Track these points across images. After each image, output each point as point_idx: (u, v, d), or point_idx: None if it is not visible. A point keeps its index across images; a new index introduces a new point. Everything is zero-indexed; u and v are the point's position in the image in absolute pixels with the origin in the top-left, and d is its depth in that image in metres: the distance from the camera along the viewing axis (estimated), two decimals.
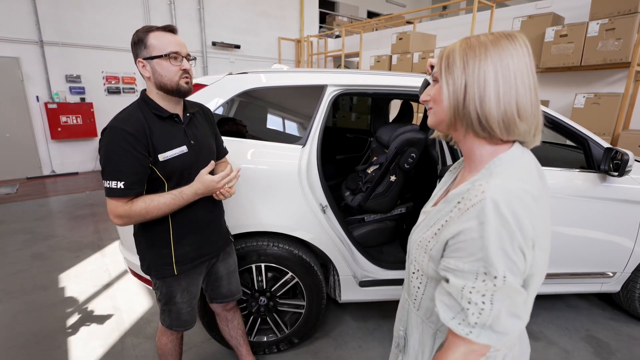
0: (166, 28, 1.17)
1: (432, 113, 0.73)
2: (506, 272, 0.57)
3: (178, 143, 1.21)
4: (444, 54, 0.68)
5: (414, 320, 0.82)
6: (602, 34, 3.44)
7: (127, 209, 1.13)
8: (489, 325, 0.59)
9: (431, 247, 0.70)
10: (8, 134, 5.82)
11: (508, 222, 0.56)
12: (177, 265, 1.29)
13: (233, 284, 1.55)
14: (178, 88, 1.17)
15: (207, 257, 1.39)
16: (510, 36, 0.63)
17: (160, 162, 1.16)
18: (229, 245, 1.52)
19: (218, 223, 1.43)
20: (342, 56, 7.80)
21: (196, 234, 1.32)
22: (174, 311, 1.37)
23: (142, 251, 1.32)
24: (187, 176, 1.24)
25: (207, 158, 1.33)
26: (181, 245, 1.29)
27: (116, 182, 1.10)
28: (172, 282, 1.32)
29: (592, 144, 1.89)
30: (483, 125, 0.64)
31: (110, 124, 1.12)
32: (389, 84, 1.88)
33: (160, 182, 1.20)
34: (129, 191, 1.11)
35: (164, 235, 1.26)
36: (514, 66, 0.62)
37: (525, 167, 0.66)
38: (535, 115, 0.65)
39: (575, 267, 2.02)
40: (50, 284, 2.66)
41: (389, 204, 2.36)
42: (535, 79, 0.64)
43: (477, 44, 0.64)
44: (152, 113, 1.18)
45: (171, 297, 1.35)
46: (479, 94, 0.63)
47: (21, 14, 5.61)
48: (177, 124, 1.24)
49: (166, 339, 1.47)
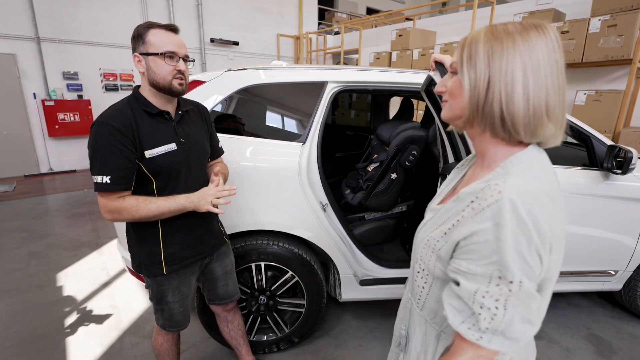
0: (168, 27, 1.16)
1: (448, 107, 0.69)
2: (522, 276, 0.54)
3: (166, 140, 1.19)
4: (466, 43, 0.62)
5: (417, 320, 0.80)
6: (603, 31, 3.42)
7: (118, 205, 1.13)
8: (501, 331, 0.57)
9: (440, 246, 0.67)
10: (5, 131, 5.78)
11: (526, 225, 0.53)
12: (167, 264, 1.28)
13: (230, 284, 1.53)
14: (170, 88, 1.16)
15: (199, 256, 1.36)
16: (541, 27, 0.58)
17: (146, 158, 1.15)
18: (224, 245, 1.49)
19: (210, 222, 1.40)
20: (341, 53, 7.77)
21: (186, 234, 1.30)
22: (166, 310, 1.36)
23: (133, 249, 1.31)
24: (176, 174, 1.23)
25: (199, 157, 1.31)
26: (170, 244, 1.27)
27: (102, 176, 1.10)
28: (163, 281, 1.31)
29: (594, 141, 1.87)
30: (507, 126, 0.59)
31: (98, 119, 1.11)
32: (390, 81, 1.86)
33: (147, 179, 1.19)
34: (115, 186, 1.11)
35: (153, 233, 1.25)
36: (545, 62, 0.57)
37: (543, 167, 0.63)
38: (563, 116, 0.61)
39: (577, 265, 2.01)
40: (47, 283, 2.63)
41: (389, 202, 2.35)
42: (565, 76, 0.59)
43: (504, 34, 0.58)
44: (142, 109, 1.17)
45: (162, 297, 1.33)
46: (505, 92, 0.58)
47: (17, 10, 5.55)
48: (167, 121, 1.22)
49: (162, 339, 1.46)
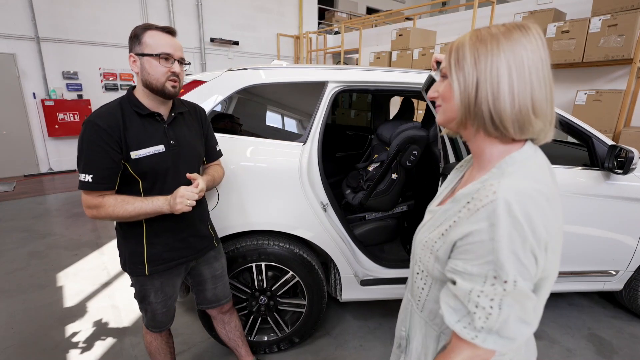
0: (165, 29, 1.16)
1: (441, 111, 0.70)
2: (517, 276, 0.55)
3: (154, 142, 1.19)
4: (453, 48, 0.64)
5: (417, 321, 0.80)
6: (604, 30, 3.42)
7: (97, 202, 1.14)
8: (496, 331, 0.57)
9: (438, 247, 0.67)
10: (5, 131, 5.77)
11: (520, 225, 0.54)
12: (149, 265, 1.27)
13: (219, 288, 1.51)
14: (163, 89, 1.16)
15: (183, 259, 1.35)
16: (523, 27, 0.60)
17: (132, 159, 1.15)
18: (213, 249, 1.47)
19: (197, 226, 1.38)
20: (341, 53, 7.77)
21: (171, 235, 1.29)
22: (149, 310, 1.36)
23: (120, 246, 1.32)
24: (163, 176, 1.22)
25: (189, 160, 1.30)
26: (153, 245, 1.27)
27: (85, 175, 1.10)
28: (145, 281, 1.31)
29: (596, 141, 1.87)
30: (496, 124, 0.61)
31: (87, 118, 1.12)
32: (391, 81, 1.85)
33: (134, 180, 1.19)
34: (96, 185, 1.11)
35: (137, 233, 1.25)
36: (529, 60, 0.58)
37: (538, 167, 0.63)
38: (551, 112, 0.62)
39: (577, 265, 2.01)
40: (47, 283, 2.63)
41: (390, 202, 2.35)
42: (550, 72, 0.61)
43: (489, 37, 0.60)
44: (132, 109, 1.17)
45: (145, 296, 1.33)
46: (492, 92, 0.59)
47: (17, 10, 5.54)
48: (157, 122, 1.22)
49: (150, 337, 1.47)
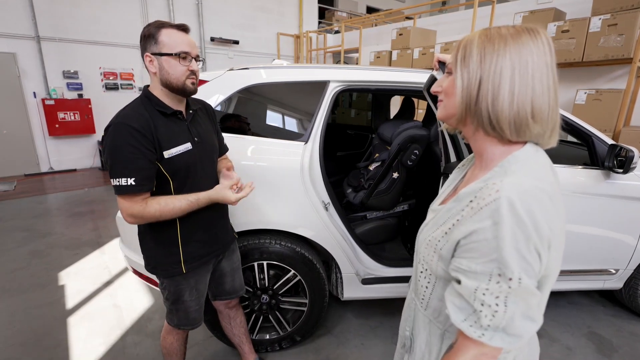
0: (179, 27, 1.15)
1: (443, 106, 0.71)
2: (521, 273, 0.55)
3: (182, 140, 1.20)
4: (461, 44, 0.64)
5: (421, 320, 0.80)
6: (604, 30, 3.42)
7: (141, 209, 1.12)
8: (502, 328, 0.58)
9: (441, 246, 0.68)
10: (5, 130, 5.77)
11: (524, 223, 0.54)
12: (186, 263, 1.29)
13: (237, 280, 1.54)
14: (184, 88, 1.16)
15: (214, 254, 1.39)
16: (533, 31, 0.60)
17: (165, 159, 1.15)
18: (233, 242, 1.52)
19: (225, 220, 1.44)
20: (341, 52, 7.76)
21: (204, 232, 1.32)
22: (181, 310, 1.36)
23: (149, 250, 1.31)
24: (193, 173, 1.24)
25: (210, 155, 1.32)
26: (190, 243, 1.29)
27: (126, 179, 1.07)
28: (181, 281, 1.32)
29: (596, 140, 1.88)
30: (493, 124, 0.62)
31: (114, 121, 1.10)
32: (392, 80, 1.86)
33: (165, 180, 1.19)
34: (140, 187, 1.10)
35: (172, 234, 1.25)
36: (533, 64, 0.59)
37: (541, 165, 0.64)
38: (553, 118, 0.62)
39: (577, 264, 2.01)
40: (49, 282, 2.64)
41: (391, 201, 2.35)
42: (556, 79, 0.61)
43: (497, 37, 0.60)
44: (156, 110, 1.17)
45: (179, 296, 1.34)
46: (492, 91, 0.60)
47: (17, 9, 5.54)
48: (180, 121, 1.22)
49: (172, 338, 1.47)
